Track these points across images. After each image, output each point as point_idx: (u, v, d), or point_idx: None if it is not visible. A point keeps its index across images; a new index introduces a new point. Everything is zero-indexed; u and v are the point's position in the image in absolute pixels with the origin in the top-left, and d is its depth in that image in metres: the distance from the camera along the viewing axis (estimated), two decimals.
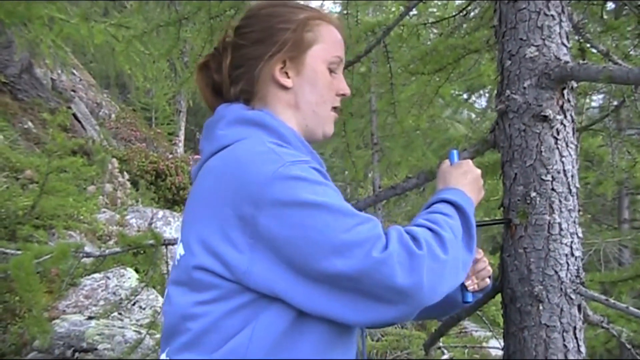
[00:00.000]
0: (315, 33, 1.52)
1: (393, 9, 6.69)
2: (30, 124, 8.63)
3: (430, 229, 1.33)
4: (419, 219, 1.42)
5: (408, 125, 4.56)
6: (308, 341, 1.31)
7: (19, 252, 2.99)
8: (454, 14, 3.53)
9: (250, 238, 1.26)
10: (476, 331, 6.05)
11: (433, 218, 1.40)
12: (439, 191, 1.58)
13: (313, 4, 1.64)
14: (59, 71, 10.26)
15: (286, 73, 1.51)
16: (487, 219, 3.41)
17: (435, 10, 5.15)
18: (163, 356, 1.41)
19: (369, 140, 7.63)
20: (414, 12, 3.37)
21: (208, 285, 1.31)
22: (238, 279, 1.28)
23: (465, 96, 6.84)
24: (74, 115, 9.65)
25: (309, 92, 1.52)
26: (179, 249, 1.42)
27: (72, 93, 10.65)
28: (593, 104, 7.49)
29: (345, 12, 3.78)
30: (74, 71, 10.93)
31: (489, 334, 4.93)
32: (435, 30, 4.79)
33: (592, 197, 8.26)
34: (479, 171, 1.68)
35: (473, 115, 7.72)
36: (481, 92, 7.13)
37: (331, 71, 1.55)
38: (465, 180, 1.62)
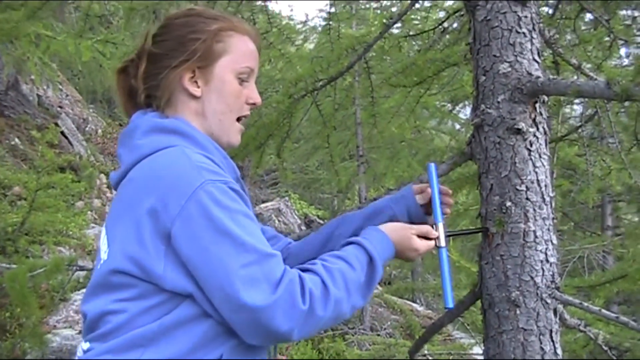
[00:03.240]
0: (225, 44, 1.57)
1: (376, 22, 6.78)
2: (17, 140, 8.65)
3: (323, 282, 1.41)
4: (325, 259, 1.50)
5: (393, 136, 4.62)
6: (206, 330, 1.40)
7: (11, 266, 3.04)
8: (432, 27, 3.61)
9: (164, 246, 1.36)
10: (461, 338, 6.11)
11: (334, 267, 1.46)
12: (368, 229, 1.65)
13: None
14: (45, 87, 10.27)
15: (196, 82, 1.56)
16: (464, 228, 3.50)
17: (417, 22, 5.22)
18: (82, 345, 1.50)
19: (354, 152, 7.70)
20: (398, 24, 3.46)
21: (127, 285, 1.40)
22: (154, 282, 1.37)
23: (449, 107, 6.91)
24: (61, 131, 9.67)
25: (216, 101, 1.57)
26: (102, 255, 1.49)
27: (59, 109, 10.66)
28: (574, 113, 7.60)
29: (328, 24, 3.85)
30: (61, 87, 10.94)
31: (473, 341, 5.00)
32: (418, 42, 4.89)
33: (575, 205, 8.35)
34: (418, 242, 1.69)
35: (457, 126, 7.79)
36: (465, 102, 7.20)
37: (242, 81, 1.60)
38: (396, 234, 1.66)
